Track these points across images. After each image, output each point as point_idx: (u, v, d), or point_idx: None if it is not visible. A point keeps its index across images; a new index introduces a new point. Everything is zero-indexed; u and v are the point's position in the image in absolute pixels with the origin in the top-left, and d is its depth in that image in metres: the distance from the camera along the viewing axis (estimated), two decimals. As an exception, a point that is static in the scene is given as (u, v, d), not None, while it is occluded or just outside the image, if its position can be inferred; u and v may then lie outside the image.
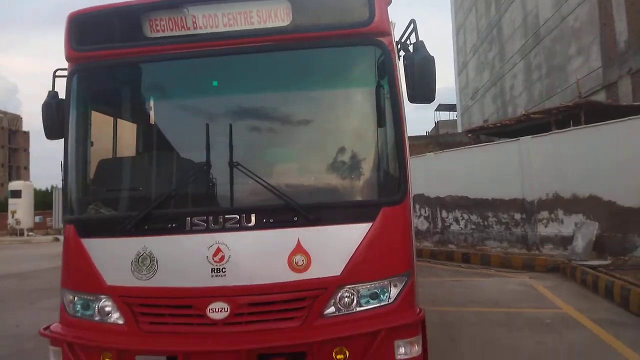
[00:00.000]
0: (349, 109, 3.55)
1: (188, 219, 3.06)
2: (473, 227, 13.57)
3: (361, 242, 3.03)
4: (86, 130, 3.52)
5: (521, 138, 12.21)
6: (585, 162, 10.30)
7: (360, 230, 3.05)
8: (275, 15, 3.21)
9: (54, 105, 3.53)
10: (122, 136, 3.91)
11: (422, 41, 3.31)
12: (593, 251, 9.82)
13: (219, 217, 3.04)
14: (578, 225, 10.51)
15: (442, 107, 42.98)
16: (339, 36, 3.24)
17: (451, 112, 43.60)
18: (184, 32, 3.28)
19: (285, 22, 3.21)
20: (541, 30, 20.62)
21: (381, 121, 3.22)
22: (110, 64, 3.42)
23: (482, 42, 29.92)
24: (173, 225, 3.08)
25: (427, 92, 3.22)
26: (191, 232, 3.04)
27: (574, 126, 11.97)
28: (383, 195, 3.24)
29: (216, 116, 3.43)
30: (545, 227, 11.47)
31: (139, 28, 3.29)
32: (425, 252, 13.02)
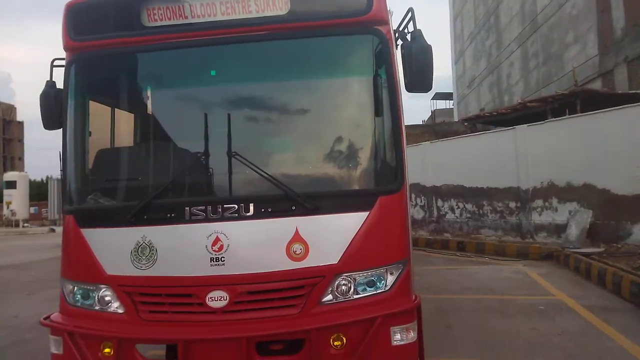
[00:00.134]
0: (346, 98, 3.56)
1: (187, 208, 3.08)
2: (468, 215, 13.67)
3: (358, 230, 3.07)
4: (85, 120, 3.52)
5: (517, 127, 12.25)
6: (581, 150, 10.36)
7: (358, 219, 3.08)
8: (273, 4, 3.20)
9: (52, 95, 3.52)
10: (121, 126, 3.91)
11: (420, 30, 3.31)
12: (586, 239, 9.92)
13: (218, 206, 3.06)
14: (572, 213, 10.59)
15: (438, 96, 42.85)
16: (337, 25, 3.23)
17: (448, 101, 43.54)
18: (181, 21, 3.27)
19: (283, 11, 3.21)
20: (538, 17, 20.55)
21: (378, 110, 3.24)
22: (109, 53, 3.41)
23: (480, 30, 29.80)
24: (172, 215, 3.11)
25: (424, 81, 3.24)
26: (190, 221, 3.07)
27: (569, 115, 11.99)
28: (380, 184, 3.27)
29: (215, 106, 3.44)
30: (540, 215, 11.56)
31: (137, 17, 3.28)
32: (421, 241, 13.10)
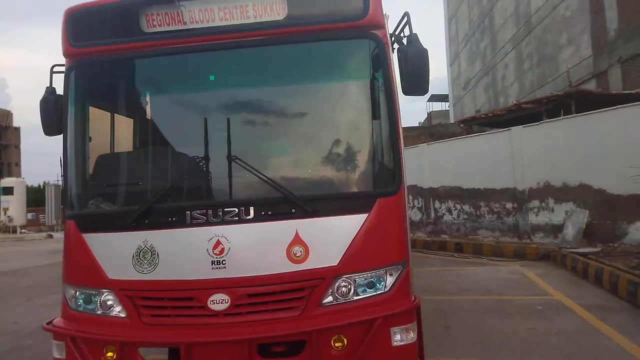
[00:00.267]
0: (344, 102, 3.60)
1: (188, 212, 3.10)
2: (465, 217, 13.72)
3: (358, 232, 3.10)
4: (85, 125, 3.54)
5: (512, 128, 12.33)
6: (576, 151, 10.42)
7: (357, 220, 3.12)
8: (270, 9, 3.24)
9: (52, 101, 3.55)
10: (121, 131, 3.93)
11: (416, 34, 3.36)
12: (583, 239, 9.99)
13: (219, 210, 3.09)
14: (568, 214, 10.66)
15: (434, 98, 43.05)
16: (333, 29, 3.27)
17: (443, 103, 43.70)
18: (180, 26, 3.30)
19: (281, 16, 3.25)
20: (532, 19, 20.67)
21: (376, 113, 3.27)
22: (108, 59, 3.43)
23: (474, 32, 29.94)
24: (173, 219, 3.13)
25: (420, 85, 3.28)
26: (191, 225, 3.09)
27: (564, 115, 12.06)
28: (378, 186, 3.30)
29: (214, 110, 3.47)
30: (537, 215, 11.63)
31: (136, 23, 3.31)
32: (418, 243, 13.14)
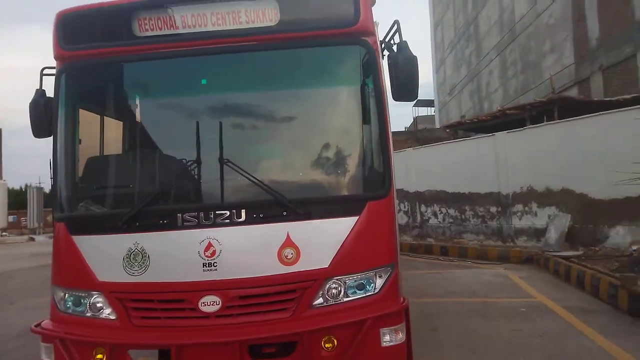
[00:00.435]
0: (335, 107, 3.65)
1: (179, 215, 3.11)
2: (451, 220, 13.88)
3: (348, 235, 3.15)
4: (75, 128, 3.53)
5: (497, 133, 12.54)
6: (559, 156, 10.63)
7: (347, 223, 3.16)
8: (263, 15, 3.28)
9: (41, 103, 3.53)
10: (112, 134, 3.92)
11: (406, 41, 3.43)
12: (565, 242, 10.17)
13: (210, 213, 3.10)
14: (551, 218, 10.86)
15: (420, 103, 43.37)
16: (325, 36, 3.32)
17: (429, 108, 44.10)
18: (172, 31, 3.32)
19: (273, 22, 3.29)
20: (517, 26, 21.06)
21: (366, 119, 3.33)
22: (99, 62, 3.43)
23: (460, 39, 30.35)
24: (164, 221, 3.14)
25: (410, 91, 3.35)
26: (182, 228, 3.10)
27: (547, 121, 12.31)
28: (368, 190, 3.35)
29: (206, 114, 3.49)
30: (520, 219, 11.83)
31: (128, 27, 3.32)
32: (404, 246, 13.22)
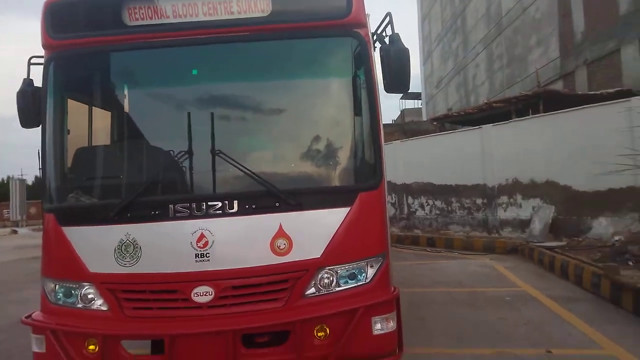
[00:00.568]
0: (327, 98, 3.66)
1: (171, 206, 3.11)
2: (437, 212, 14.03)
3: (340, 225, 3.18)
4: (63, 118, 3.48)
5: (483, 126, 12.68)
6: (543, 148, 10.81)
7: (339, 214, 3.19)
8: (255, 5, 3.27)
9: (29, 93, 3.48)
10: (102, 124, 3.88)
11: (398, 34, 3.44)
12: (549, 233, 10.38)
13: (202, 204, 3.11)
14: (535, 209, 11.05)
15: (407, 95, 43.45)
16: (317, 27, 3.32)
17: (416, 100, 44.29)
18: (163, 20, 3.28)
19: (265, 13, 3.28)
20: (503, 20, 21.19)
21: (358, 110, 3.35)
22: (89, 52, 3.38)
23: (447, 32, 30.44)
24: (156, 212, 3.13)
25: (402, 83, 3.37)
26: (175, 218, 3.10)
27: (533, 114, 12.46)
28: (360, 181, 3.38)
29: (197, 104, 3.47)
30: (505, 211, 12.01)
31: (118, 16, 3.27)
32: (392, 238, 13.28)
